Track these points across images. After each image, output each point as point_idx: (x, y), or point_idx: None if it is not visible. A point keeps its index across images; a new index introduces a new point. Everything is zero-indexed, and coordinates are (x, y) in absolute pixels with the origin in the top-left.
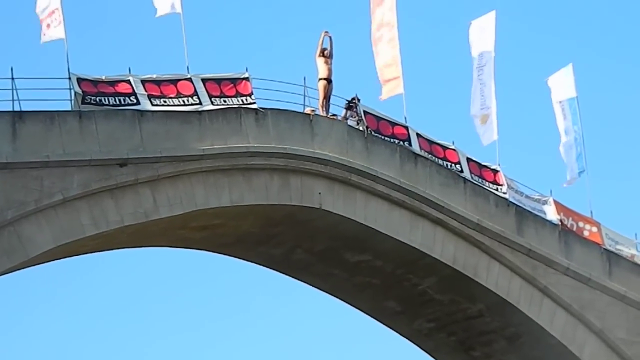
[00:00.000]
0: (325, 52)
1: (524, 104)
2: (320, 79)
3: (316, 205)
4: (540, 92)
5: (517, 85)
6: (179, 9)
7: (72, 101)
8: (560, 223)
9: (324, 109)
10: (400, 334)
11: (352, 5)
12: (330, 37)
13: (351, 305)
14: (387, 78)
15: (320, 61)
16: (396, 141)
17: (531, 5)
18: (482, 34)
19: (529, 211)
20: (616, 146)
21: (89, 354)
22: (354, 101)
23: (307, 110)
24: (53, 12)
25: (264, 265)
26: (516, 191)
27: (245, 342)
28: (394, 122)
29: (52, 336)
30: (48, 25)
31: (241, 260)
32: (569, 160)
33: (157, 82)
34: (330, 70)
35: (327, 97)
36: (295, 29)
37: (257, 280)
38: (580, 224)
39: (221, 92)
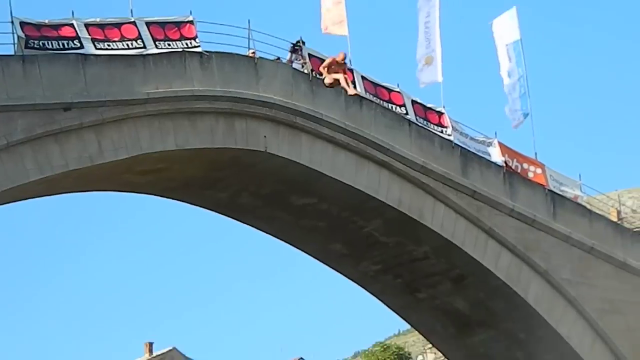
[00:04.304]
0: None
1: (468, 47)
2: None
3: (261, 149)
4: (484, 36)
5: (462, 29)
6: None
7: (15, 45)
8: (504, 165)
9: None
10: (347, 277)
11: None
12: None
13: (297, 248)
14: (333, 21)
15: None
16: None
17: None
18: None
19: (473, 153)
20: (560, 88)
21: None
22: (298, 44)
23: (249, 52)
24: None
25: (210, 209)
26: (461, 133)
27: (193, 284)
28: None
29: None
30: None
31: (187, 204)
32: (513, 100)
33: (101, 26)
34: None
35: None
36: None
37: (204, 224)
38: (525, 166)
39: (165, 35)
